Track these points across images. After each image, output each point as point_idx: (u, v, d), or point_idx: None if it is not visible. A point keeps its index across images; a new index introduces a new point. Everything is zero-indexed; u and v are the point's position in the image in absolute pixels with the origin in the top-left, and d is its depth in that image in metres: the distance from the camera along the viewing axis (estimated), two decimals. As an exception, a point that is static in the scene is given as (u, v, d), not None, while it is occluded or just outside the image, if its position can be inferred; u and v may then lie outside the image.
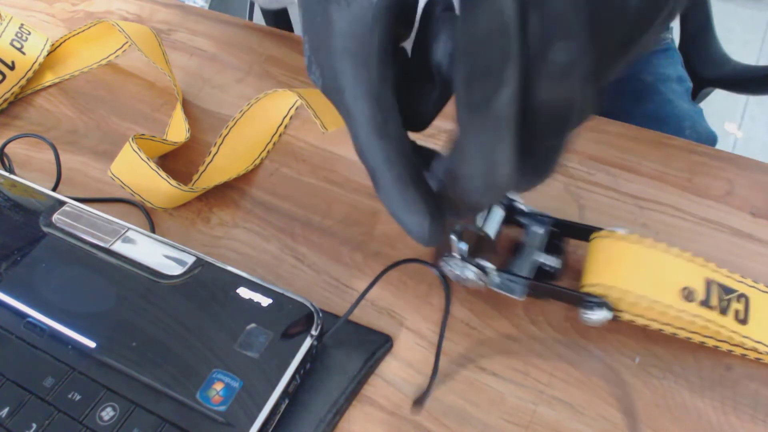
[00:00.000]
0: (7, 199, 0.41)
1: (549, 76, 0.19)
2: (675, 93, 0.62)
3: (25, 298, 0.36)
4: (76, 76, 0.53)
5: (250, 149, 0.45)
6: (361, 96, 0.23)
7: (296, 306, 0.34)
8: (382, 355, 0.34)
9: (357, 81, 0.23)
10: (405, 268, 0.38)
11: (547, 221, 0.34)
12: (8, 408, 0.32)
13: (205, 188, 0.42)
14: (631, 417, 0.27)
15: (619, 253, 0.32)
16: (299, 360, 0.32)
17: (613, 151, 0.42)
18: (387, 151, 0.23)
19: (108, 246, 0.37)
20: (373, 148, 0.23)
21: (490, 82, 0.18)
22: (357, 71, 0.23)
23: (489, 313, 0.35)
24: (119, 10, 0.59)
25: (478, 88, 0.18)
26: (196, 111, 0.49)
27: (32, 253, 0.38)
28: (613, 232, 0.33)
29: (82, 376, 0.33)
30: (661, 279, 0.31)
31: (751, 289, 0.32)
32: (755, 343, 0.31)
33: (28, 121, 0.50)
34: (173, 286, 0.35)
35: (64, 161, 0.46)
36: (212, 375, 0.32)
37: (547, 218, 0.34)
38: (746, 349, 0.32)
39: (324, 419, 0.32)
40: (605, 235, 0.33)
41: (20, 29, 0.52)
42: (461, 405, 0.32)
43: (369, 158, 0.23)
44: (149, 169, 0.40)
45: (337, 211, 0.41)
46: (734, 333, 0.31)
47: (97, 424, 0.31)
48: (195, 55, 0.53)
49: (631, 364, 0.33)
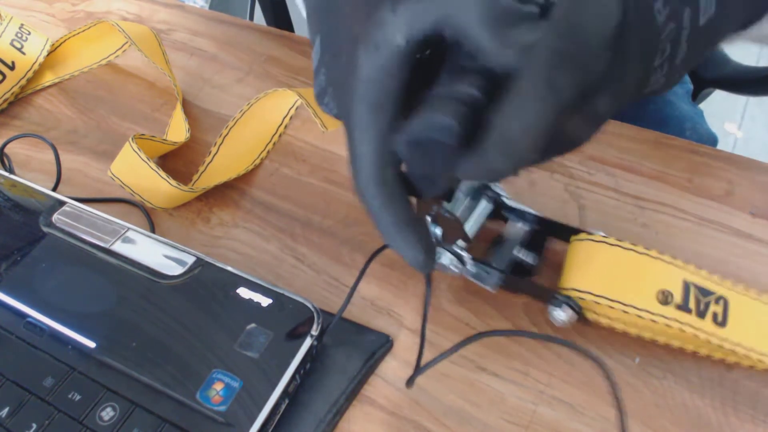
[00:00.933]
0: (7, 199, 0.41)
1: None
2: (675, 94, 0.62)
3: (25, 298, 0.36)
4: (76, 76, 0.53)
5: (250, 149, 0.45)
6: (368, 141, 0.23)
7: (296, 306, 0.34)
8: (382, 355, 0.34)
9: (368, 126, 0.23)
10: (405, 268, 0.38)
11: (530, 218, 0.35)
12: (8, 408, 0.32)
13: (204, 188, 0.42)
14: (623, 417, 0.27)
15: (597, 257, 0.32)
16: (299, 360, 0.32)
17: (613, 151, 0.42)
18: (384, 196, 0.24)
19: (108, 246, 0.37)
20: (372, 192, 0.24)
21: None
22: (370, 117, 0.23)
23: (489, 313, 0.35)
24: (119, 10, 0.59)
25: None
26: (196, 111, 0.49)
27: (32, 253, 0.38)
28: (592, 234, 0.33)
29: (82, 376, 0.33)
30: (638, 282, 0.31)
31: (730, 291, 0.32)
32: (734, 346, 0.30)
33: (28, 121, 0.50)
34: (173, 286, 0.35)
35: (64, 161, 0.46)
36: (212, 375, 0.32)
37: (530, 215, 0.35)
38: (725, 352, 0.31)
39: (324, 419, 0.32)
40: (583, 238, 0.33)
41: (20, 29, 0.52)
42: (461, 405, 0.32)
43: (368, 200, 0.25)
44: (149, 169, 0.40)
45: (337, 211, 0.41)
46: (711, 336, 0.30)
47: (97, 424, 0.31)
48: (195, 55, 0.53)
49: (631, 364, 0.33)
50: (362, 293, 0.37)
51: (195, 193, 0.42)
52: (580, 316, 0.32)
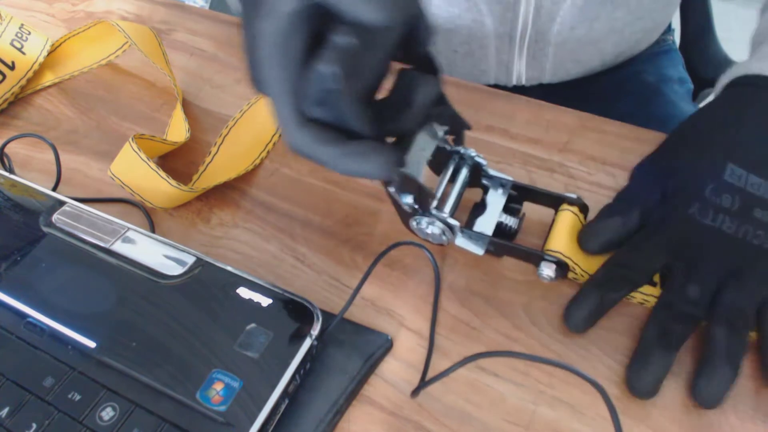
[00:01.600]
0: (7, 199, 0.41)
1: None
2: (676, 94, 0.62)
3: (25, 298, 0.36)
4: (76, 76, 0.53)
5: (251, 149, 0.45)
6: (284, 103, 0.27)
7: (296, 306, 0.34)
8: (382, 355, 0.34)
9: (280, 89, 0.27)
10: (405, 269, 0.38)
11: (508, 184, 0.37)
12: (8, 408, 0.32)
13: (204, 188, 0.42)
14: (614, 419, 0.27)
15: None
16: (299, 360, 0.32)
17: (613, 151, 0.42)
18: (314, 138, 0.27)
19: (108, 246, 0.37)
20: (302, 142, 0.27)
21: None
22: (279, 76, 0.26)
23: (489, 313, 0.35)
24: (119, 10, 0.59)
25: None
26: (196, 111, 0.49)
27: (32, 253, 0.38)
28: (572, 201, 0.36)
29: (82, 376, 0.33)
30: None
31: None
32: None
33: (28, 121, 0.50)
34: (173, 286, 0.35)
35: (64, 161, 0.46)
36: (212, 375, 0.32)
37: (510, 182, 0.37)
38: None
39: (324, 419, 0.32)
40: (565, 208, 0.36)
41: (20, 29, 0.52)
42: (461, 405, 0.32)
43: (306, 152, 0.28)
44: (149, 169, 0.40)
45: (337, 211, 0.41)
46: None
47: (97, 424, 0.31)
48: (195, 55, 0.53)
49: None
50: (362, 293, 0.37)
51: (195, 193, 0.42)
52: (565, 275, 0.35)
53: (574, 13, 0.51)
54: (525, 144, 0.43)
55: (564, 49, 0.55)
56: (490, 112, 0.45)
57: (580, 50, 0.55)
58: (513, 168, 0.42)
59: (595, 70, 0.59)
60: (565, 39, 0.53)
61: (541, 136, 0.43)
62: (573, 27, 0.52)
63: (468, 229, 0.35)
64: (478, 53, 0.56)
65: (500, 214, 0.36)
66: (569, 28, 0.52)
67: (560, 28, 0.52)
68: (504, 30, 0.53)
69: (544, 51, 0.55)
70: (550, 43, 0.54)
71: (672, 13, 0.63)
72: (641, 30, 0.57)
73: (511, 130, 0.44)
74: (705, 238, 0.33)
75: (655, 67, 0.63)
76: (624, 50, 0.59)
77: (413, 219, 0.35)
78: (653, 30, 0.61)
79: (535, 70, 0.57)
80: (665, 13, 0.61)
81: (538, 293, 0.36)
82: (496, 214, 0.36)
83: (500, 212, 0.36)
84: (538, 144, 0.43)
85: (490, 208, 0.36)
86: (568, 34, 0.53)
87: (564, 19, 0.51)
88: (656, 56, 0.64)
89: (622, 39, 0.56)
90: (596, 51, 0.56)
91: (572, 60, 0.57)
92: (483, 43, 0.55)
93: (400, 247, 0.38)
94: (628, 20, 0.54)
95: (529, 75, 0.58)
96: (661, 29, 0.62)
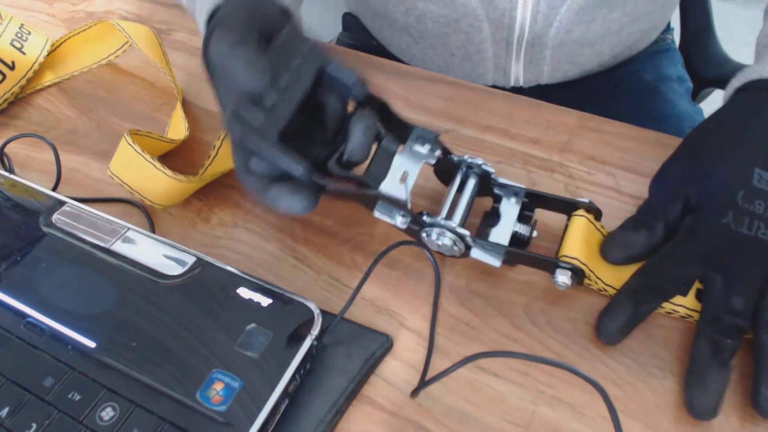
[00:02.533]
0: (7, 199, 0.41)
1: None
2: (675, 93, 0.62)
3: (25, 298, 0.36)
4: (76, 76, 0.53)
5: (250, 149, 0.44)
6: (233, 152, 0.34)
7: (296, 306, 0.34)
8: (382, 355, 0.34)
9: (235, 154, 0.34)
10: (405, 269, 0.38)
11: (520, 192, 0.36)
12: (8, 408, 0.32)
13: (202, 177, 0.41)
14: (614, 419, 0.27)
15: (594, 235, 0.35)
16: (299, 360, 0.32)
17: (613, 151, 0.42)
18: (252, 186, 0.33)
19: (108, 246, 0.37)
20: (246, 184, 0.34)
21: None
22: (236, 156, 0.33)
23: (489, 313, 0.35)
24: (119, 10, 0.59)
25: None
26: (196, 111, 0.49)
27: (32, 253, 0.38)
28: (587, 208, 0.35)
29: (82, 376, 0.33)
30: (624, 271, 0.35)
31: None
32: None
33: (28, 121, 0.50)
34: (173, 286, 0.35)
35: (64, 161, 0.46)
36: (212, 375, 0.32)
37: (521, 189, 0.36)
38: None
39: (324, 419, 0.32)
40: (581, 214, 0.35)
41: (20, 29, 0.52)
42: (461, 405, 0.32)
43: (252, 193, 0.34)
44: (145, 162, 0.40)
45: (337, 211, 0.41)
46: (693, 312, 0.33)
47: (97, 424, 0.31)
48: (195, 55, 0.53)
49: (631, 364, 0.33)
50: (363, 293, 0.37)
51: (193, 184, 0.41)
52: (581, 282, 0.34)
53: (570, 16, 0.51)
54: (525, 144, 0.43)
55: (561, 52, 0.55)
56: (489, 112, 0.45)
57: (577, 52, 0.55)
58: (513, 168, 0.42)
59: (592, 71, 0.59)
60: (562, 42, 0.53)
61: (541, 136, 0.43)
62: (569, 30, 0.52)
63: (483, 240, 0.35)
64: (476, 57, 0.56)
65: (514, 223, 0.35)
66: (566, 31, 0.52)
67: (557, 31, 0.52)
68: (501, 35, 0.53)
69: (541, 54, 0.55)
70: (547, 46, 0.54)
71: (670, 13, 0.63)
72: (638, 31, 0.57)
73: (511, 130, 0.44)
74: (743, 246, 0.32)
75: (654, 66, 0.63)
76: (621, 51, 0.59)
77: (422, 231, 0.35)
78: (650, 31, 0.61)
79: (532, 72, 0.57)
80: (662, 14, 0.61)
81: (538, 293, 0.36)
82: (510, 223, 0.35)
83: (515, 221, 0.35)
84: (538, 144, 0.43)
85: (504, 218, 0.35)
86: (565, 36, 0.53)
87: (561, 23, 0.51)
88: (655, 55, 0.64)
89: (619, 40, 0.56)
90: (593, 53, 0.56)
91: (569, 62, 0.56)
92: (480, 48, 0.55)
93: (400, 247, 0.38)
94: (624, 22, 0.54)
95: (527, 77, 0.58)
96: (658, 30, 0.62)
